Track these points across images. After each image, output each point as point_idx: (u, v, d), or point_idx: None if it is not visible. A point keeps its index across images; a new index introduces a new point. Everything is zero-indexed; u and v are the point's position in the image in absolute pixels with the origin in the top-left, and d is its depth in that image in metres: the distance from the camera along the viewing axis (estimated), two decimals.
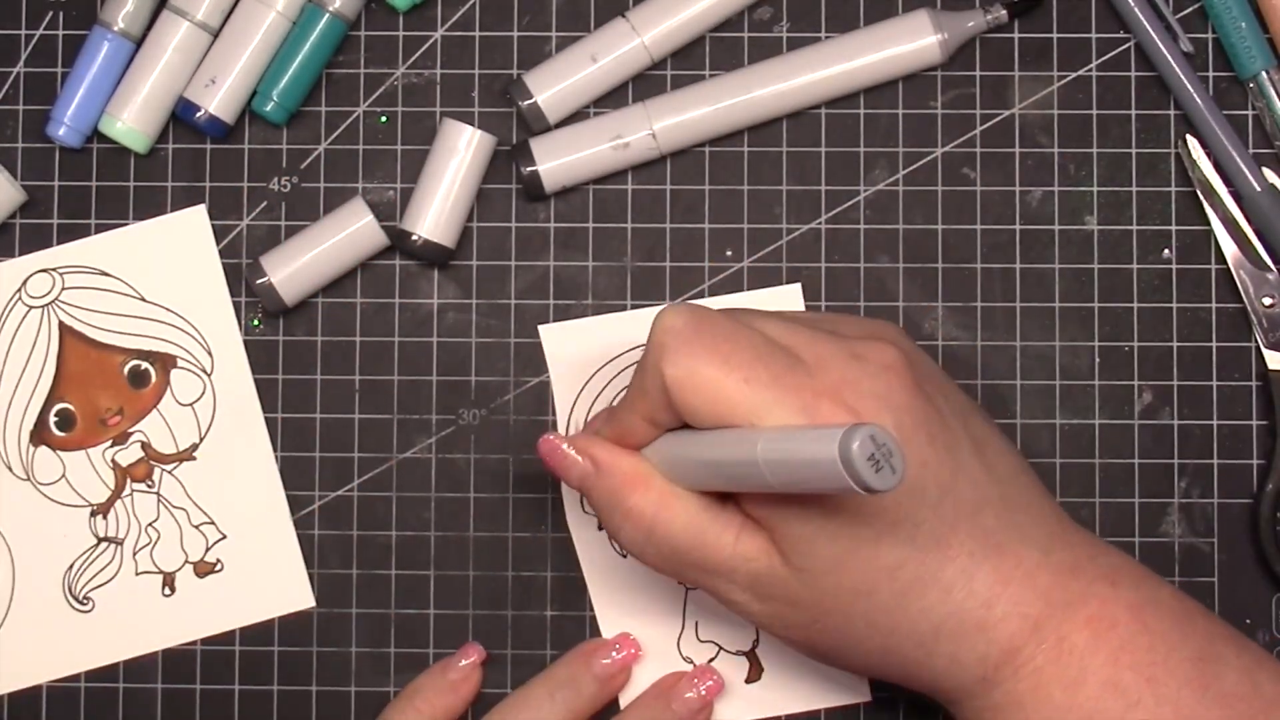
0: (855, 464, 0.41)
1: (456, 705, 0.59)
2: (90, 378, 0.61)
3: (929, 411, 0.48)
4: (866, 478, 0.42)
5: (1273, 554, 0.59)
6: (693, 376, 0.48)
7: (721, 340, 0.48)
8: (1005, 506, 0.49)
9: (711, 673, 0.59)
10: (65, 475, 0.61)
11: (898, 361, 0.49)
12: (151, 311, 0.61)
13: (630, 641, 0.59)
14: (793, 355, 0.49)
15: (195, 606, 0.61)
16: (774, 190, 0.61)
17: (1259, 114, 0.60)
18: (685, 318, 0.49)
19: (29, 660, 0.60)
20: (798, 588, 0.49)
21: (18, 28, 0.62)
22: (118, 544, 0.61)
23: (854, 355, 0.49)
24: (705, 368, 0.48)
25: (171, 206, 0.62)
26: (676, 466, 0.51)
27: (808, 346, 0.49)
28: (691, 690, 0.59)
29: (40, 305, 0.61)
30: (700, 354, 0.48)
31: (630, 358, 0.60)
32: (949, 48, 0.60)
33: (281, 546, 0.61)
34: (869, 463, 0.42)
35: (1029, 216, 0.61)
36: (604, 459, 0.52)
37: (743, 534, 0.50)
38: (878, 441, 0.42)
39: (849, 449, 0.41)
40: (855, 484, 0.42)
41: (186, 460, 0.61)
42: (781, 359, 0.48)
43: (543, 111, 0.60)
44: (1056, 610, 0.48)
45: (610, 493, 0.51)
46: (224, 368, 0.61)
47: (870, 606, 0.48)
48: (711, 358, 0.48)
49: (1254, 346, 0.60)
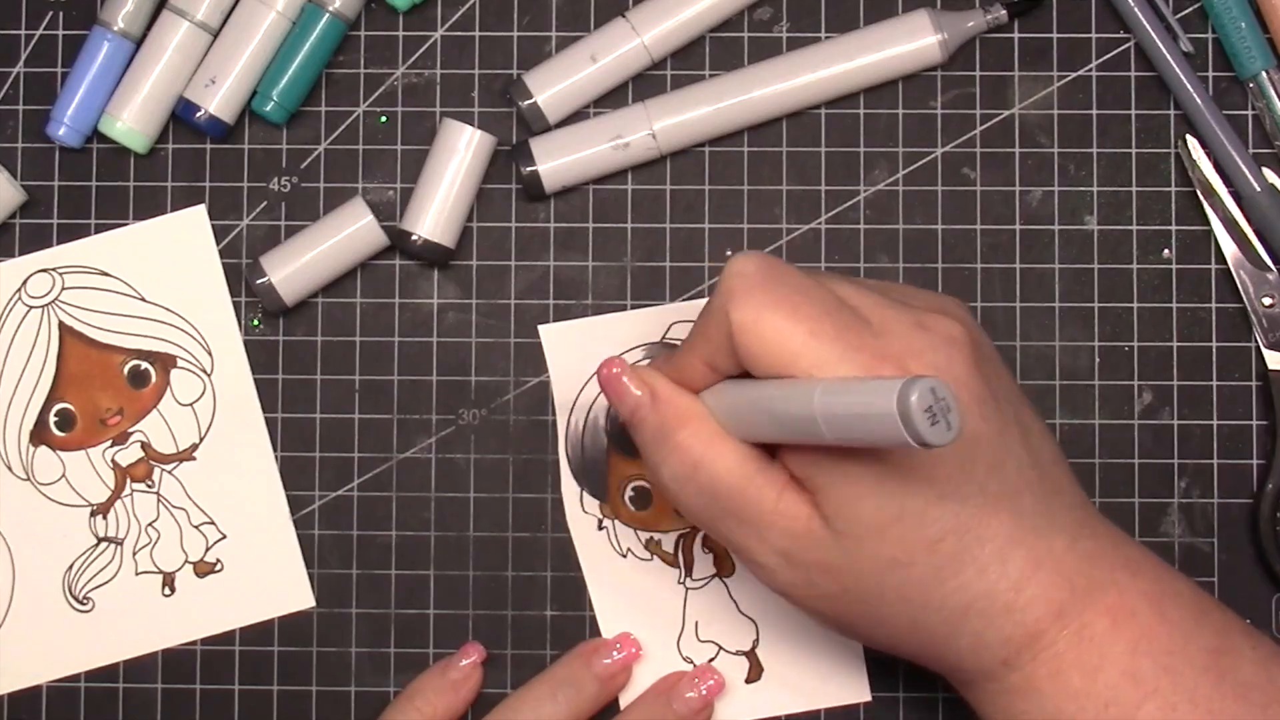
0: (913, 415, 0.41)
1: (457, 705, 0.59)
2: (90, 378, 0.61)
3: (985, 390, 0.48)
4: (922, 430, 0.41)
5: (1273, 554, 0.59)
6: (758, 323, 0.48)
7: (792, 291, 0.48)
8: (1042, 492, 0.49)
9: (712, 672, 0.59)
10: (65, 475, 0.61)
11: (962, 337, 0.49)
12: (151, 311, 0.61)
13: (631, 641, 0.60)
14: (860, 316, 0.49)
15: (195, 606, 0.61)
16: (774, 190, 0.61)
17: (1259, 114, 0.60)
18: (757, 264, 0.49)
19: (29, 660, 0.60)
20: (835, 553, 0.49)
21: (18, 28, 0.62)
22: (118, 544, 0.61)
23: (920, 325, 0.49)
24: (772, 315, 0.48)
25: (171, 206, 0.62)
26: (729, 413, 0.50)
27: (875, 310, 0.49)
28: (692, 690, 0.59)
29: (40, 305, 0.61)
30: (769, 301, 0.48)
31: (631, 357, 0.60)
32: (949, 48, 0.60)
33: (281, 546, 0.61)
34: (925, 414, 0.41)
35: (1029, 216, 0.61)
36: (662, 390, 0.51)
37: (785, 492, 0.49)
38: (937, 395, 0.41)
39: (907, 400, 0.41)
40: (910, 436, 0.41)
41: (186, 460, 0.61)
42: (848, 317, 0.48)
43: (543, 111, 0.60)
44: (1080, 597, 0.49)
45: (661, 424, 0.51)
46: (224, 368, 0.61)
47: (905, 579, 0.48)
48: (780, 306, 0.48)
49: (1254, 346, 0.60)
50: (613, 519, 0.60)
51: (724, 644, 0.60)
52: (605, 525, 0.60)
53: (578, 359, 0.60)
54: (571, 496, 0.61)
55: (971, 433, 0.48)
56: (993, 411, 0.48)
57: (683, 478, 0.51)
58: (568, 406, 0.61)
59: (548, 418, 0.61)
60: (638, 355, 0.60)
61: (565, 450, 0.61)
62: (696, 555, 0.60)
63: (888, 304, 0.49)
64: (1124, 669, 0.48)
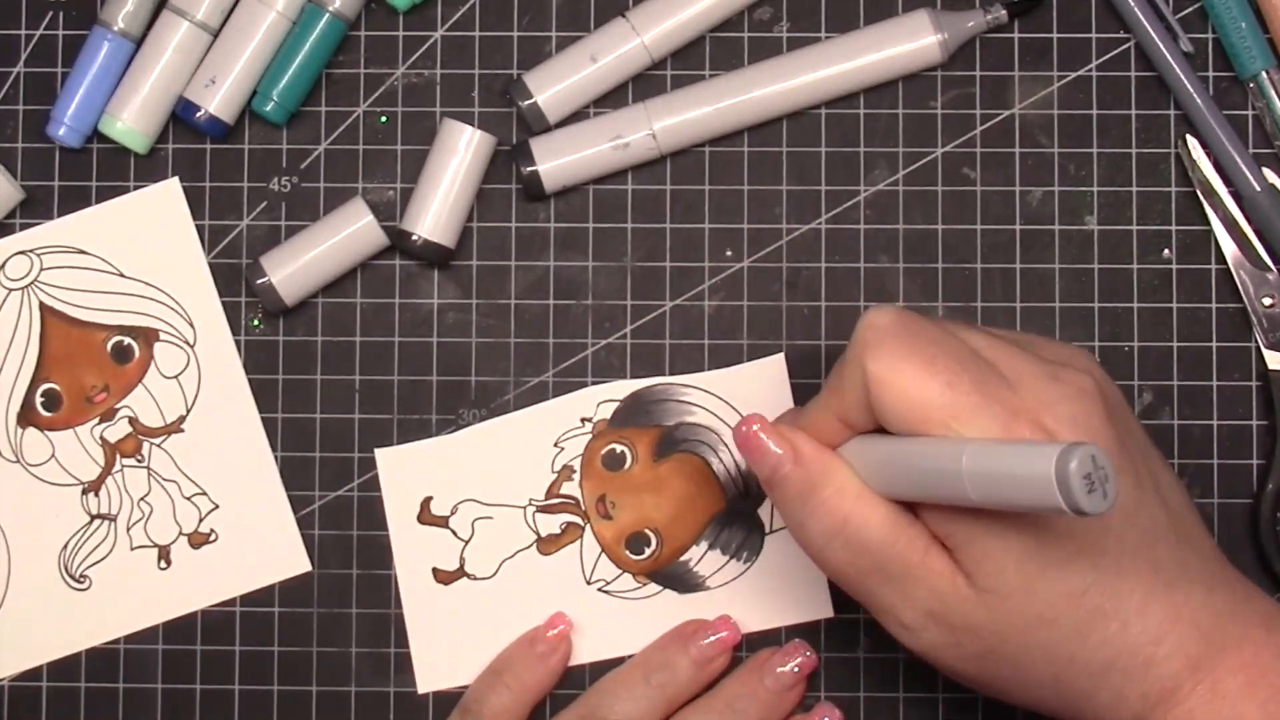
0: (1071, 483, 0.41)
1: (546, 678, 0.59)
2: (74, 356, 0.61)
3: (1119, 443, 0.48)
4: (1079, 498, 0.41)
5: (1273, 554, 0.59)
6: (896, 375, 0.48)
7: (927, 343, 0.48)
8: (1176, 542, 0.49)
9: (804, 648, 0.59)
10: (54, 455, 0.61)
11: (1093, 389, 0.48)
12: (131, 287, 0.61)
13: (729, 624, 0.59)
14: (993, 368, 0.48)
15: (192, 578, 0.61)
16: (774, 190, 0.61)
17: (1259, 114, 0.60)
18: (892, 317, 0.49)
19: (29, 641, 0.61)
20: (980, 612, 0.48)
21: (18, 28, 0.62)
22: (111, 520, 0.61)
23: (1053, 377, 0.48)
24: (909, 367, 0.47)
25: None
26: (869, 470, 0.50)
27: (1008, 362, 0.49)
28: (784, 665, 0.58)
29: (19, 287, 0.61)
30: (905, 353, 0.48)
31: (466, 488, 0.60)
32: (949, 48, 0.60)
33: (275, 512, 0.61)
34: (1084, 483, 0.41)
35: (1029, 216, 0.61)
36: (804, 448, 0.50)
37: (931, 549, 0.49)
38: (1097, 463, 0.41)
39: (1066, 467, 0.41)
40: (1067, 504, 0.41)
41: (175, 433, 0.61)
42: (983, 369, 0.48)
43: (543, 111, 0.60)
44: (1215, 652, 0.48)
45: (804, 483, 0.50)
46: (206, 337, 0.61)
47: (1050, 636, 0.48)
48: (916, 358, 0.48)
49: (1254, 346, 0.60)
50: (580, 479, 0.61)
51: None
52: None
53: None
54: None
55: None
56: (1126, 463, 0.48)
57: (830, 533, 0.50)
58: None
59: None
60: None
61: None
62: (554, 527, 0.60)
63: (1020, 355, 0.49)
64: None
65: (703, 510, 0.60)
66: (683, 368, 0.61)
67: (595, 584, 0.60)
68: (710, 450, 0.60)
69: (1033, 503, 0.42)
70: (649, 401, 0.60)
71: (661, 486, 0.60)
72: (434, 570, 0.60)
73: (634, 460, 0.60)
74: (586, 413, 0.60)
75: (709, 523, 0.60)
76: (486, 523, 0.60)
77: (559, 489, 0.60)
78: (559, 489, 0.60)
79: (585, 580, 0.60)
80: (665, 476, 0.60)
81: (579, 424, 0.60)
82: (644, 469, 0.60)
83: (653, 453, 0.60)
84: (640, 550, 0.60)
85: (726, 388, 0.60)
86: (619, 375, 0.61)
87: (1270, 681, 0.48)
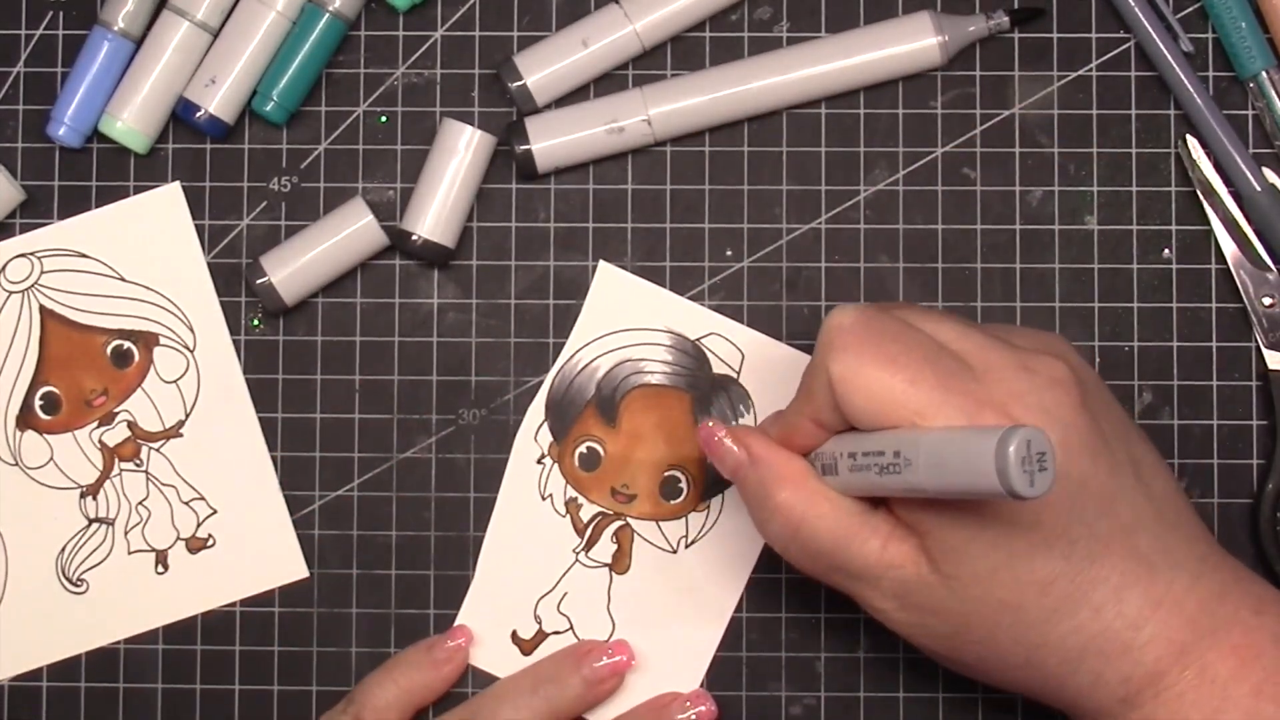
0: (1009, 468, 0.41)
1: (437, 684, 0.59)
2: (73, 360, 0.61)
3: (1093, 430, 0.48)
4: (1016, 483, 0.41)
5: (1273, 554, 0.59)
6: (858, 375, 0.48)
7: (889, 341, 0.48)
8: (1159, 528, 0.49)
9: (706, 699, 0.59)
10: (53, 458, 0.61)
11: (1067, 377, 0.48)
12: (131, 290, 0.61)
13: (625, 648, 0.59)
14: (962, 361, 0.48)
15: (189, 582, 0.61)
16: (774, 190, 0.61)
17: (1259, 114, 0.60)
18: (854, 317, 0.49)
19: (27, 644, 0.61)
20: (945, 596, 0.49)
21: (18, 28, 0.62)
22: (109, 524, 0.61)
23: (1024, 367, 0.48)
24: (870, 367, 0.48)
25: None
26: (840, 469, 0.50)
27: (978, 353, 0.49)
28: (683, 712, 0.59)
29: (20, 290, 0.61)
30: (866, 353, 0.48)
31: (650, 337, 0.60)
32: (950, 50, 0.60)
33: (272, 518, 0.61)
34: (1021, 467, 0.41)
35: (1029, 216, 0.61)
36: (758, 451, 0.51)
37: (891, 541, 0.49)
38: (1034, 447, 0.41)
39: (1005, 452, 0.41)
40: (1004, 489, 0.41)
41: (173, 437, 0.61)
42: (949, 363, 0.48)
43: (531, 93, 0.60)
44: (1203, 636, 0.48)
45: (760, 485, 0.51)
46: (206, 342, 0.61)
47: (1017, 621, 0.48)
48: (877, 357, 0.48)
49: (1254, 346, 0.60)
50: (555, 462, 0.60)
51: (577, 626, 0.60)
52: (544, 463, 0.60)
53: (616, 306, 0.60)
54: (533, 421, 0.60)
55: (1079, 475, 0.47)
56: (1102, 451, 0.48)
57: (787, 538, 0.51)
58: (583, 342, 0.61)
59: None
60: (659, 336, 0.61)
61: (554, 378, 0.61)
62: (603, 539, 0.60)
63: (991, 346, 0.49)
64: (1247, 711, 0.47)
65: (678, 410, 0.60)
66: None
67: (682, 546, 0.60)
68: (636, 375, 0.60)
69: (979, 489, 0.42)
70: (562, 396, 0.61)
71: (634, 435, 0.60)
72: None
73: (597, 441, 0.60)
74: (535, 454, 0.61)
75: (694, 412, 0.60)
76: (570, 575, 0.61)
77: (582, 523, 0.60)
78: (582, 523, 0.60)
79: (672, 550, 0.60)
80: (628, 427, 0.60)
81: (538, 465, 0.61)
82: (611, 439, 0.60)
83: (602, 422, 0.60)
84: (676, 491, 0.60)
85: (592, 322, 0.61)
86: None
87: (1262, 665, 0.48)
